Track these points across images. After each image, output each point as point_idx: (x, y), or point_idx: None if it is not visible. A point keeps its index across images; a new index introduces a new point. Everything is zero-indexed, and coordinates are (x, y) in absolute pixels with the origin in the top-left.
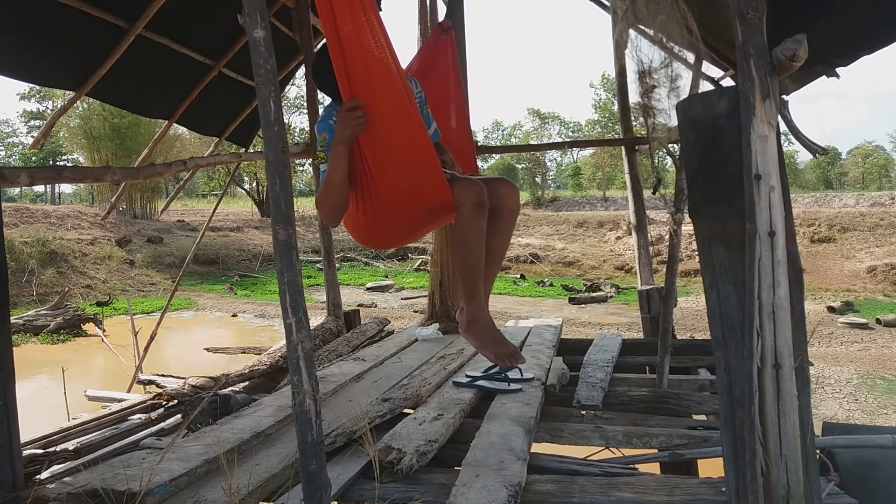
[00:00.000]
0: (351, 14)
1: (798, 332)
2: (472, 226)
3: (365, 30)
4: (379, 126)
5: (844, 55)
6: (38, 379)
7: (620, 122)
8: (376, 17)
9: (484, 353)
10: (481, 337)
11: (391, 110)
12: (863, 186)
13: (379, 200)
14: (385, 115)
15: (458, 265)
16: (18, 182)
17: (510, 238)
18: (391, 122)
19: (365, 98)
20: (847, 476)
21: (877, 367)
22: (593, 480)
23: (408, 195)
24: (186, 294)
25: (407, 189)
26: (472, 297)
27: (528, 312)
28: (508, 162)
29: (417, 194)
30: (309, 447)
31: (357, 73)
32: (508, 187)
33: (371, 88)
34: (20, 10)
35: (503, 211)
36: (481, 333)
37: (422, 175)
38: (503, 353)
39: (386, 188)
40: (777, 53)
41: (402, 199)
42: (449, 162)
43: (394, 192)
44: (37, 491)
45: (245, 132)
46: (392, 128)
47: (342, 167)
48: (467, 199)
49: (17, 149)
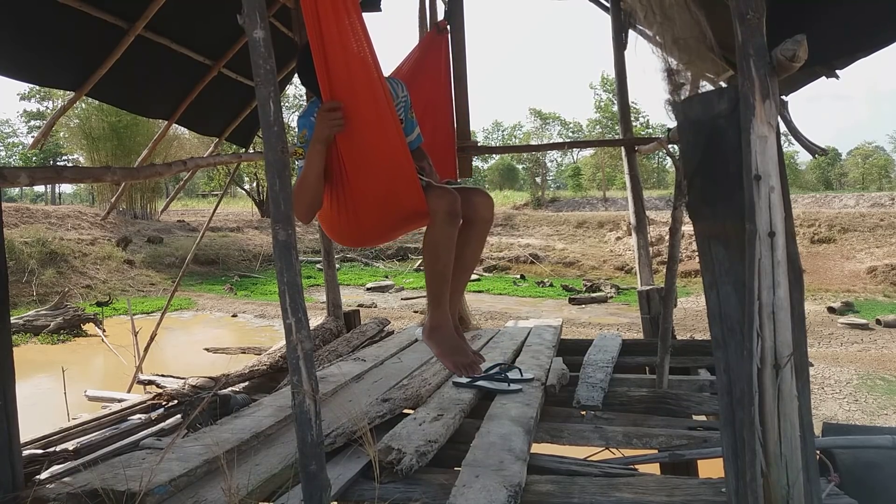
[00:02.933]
0: (335, 15)
1: (798, 332)
2: (442, 235)
3: (348, 32)
4: (357, 129)
5: (843, 56)
6: (38, 379)
7: (620, 123)
8: (360, 20)
9: (443, 361)
10: (441, 345)
11: (369, 114)
12: (863, 187)
13: (353, 201)
14: (363, 118)
15: (427, 272)
16: (18, 182)
17: (482, 248)
18: (369, 126)
19: (345, 100)
20: (847, 476)
21: (877, 368)
22: (593, 481)
23: (381, 199)
24: (186, 294)
25: (381, 193)
26: (437, 305)
27: (528, 313)
28: (508, 162)
29: (391, 199)
30: (309, 447)
31: (338, 75)
32: (483, 197)
33: (351, 91)
34: (20, 11)
35: (477, 221)
36: (442, 341)
37: (396, 181)
38: (462, 363)
39: (360, 190)
40: (777, 54)
41: (376, 202)
42: (427, 169)
43: (368, 195)
44: (36, 491)
45: (245, 132)
46: (369, 132)
47: (318, 165)
48: (440, 208)
49: (17, 149)
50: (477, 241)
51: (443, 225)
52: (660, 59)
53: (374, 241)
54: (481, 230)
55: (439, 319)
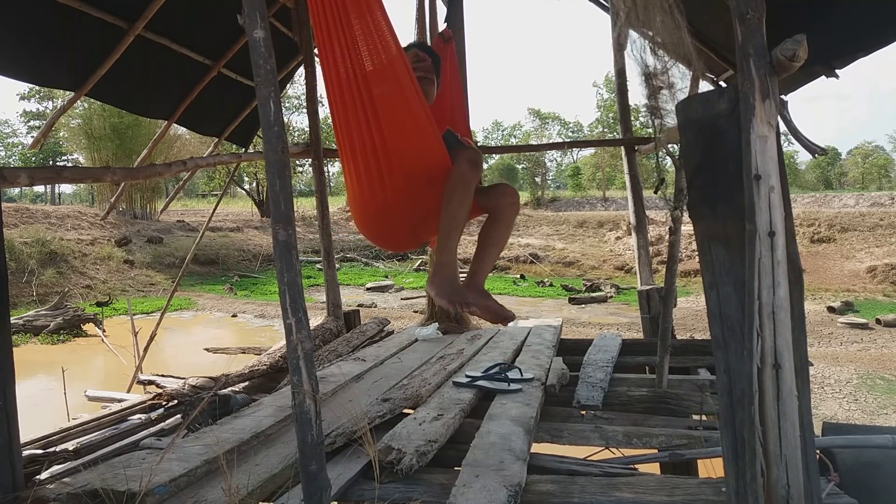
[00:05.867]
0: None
1: (798, 332)
2: (460, 177)
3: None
4: (389, 100)
5: (843, 55)
6: (38, 379)
7: (620, 123)
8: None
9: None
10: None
11: (409, 93)
12: (862, 187)
13: (390, 179)
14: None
15: (441, 213)
16: (18, 182)
17: (510, 230)
18: (402, 96)
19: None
20: (847, 476)
21: (876, 367)
22: (593, 480)
23: (414, 167)
24: (186, 294)
25: (415, 160)
26: (444, 247)
27: (528, 312)
28: (508, 162)
29: (422, 164)
30: (309, 447)
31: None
32: (508, 187)
33: (388, 69)
34: (19, 10)
35: (503, 205)
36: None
37: (426, 147)
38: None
39: (397, 164)
40: (777, 54)
41: (410, 173)
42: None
43: (403, 166)
44: (36, 491)
45: (245, 132)
46: (402, 103)
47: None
48: (462, 156)
49: (16, 149)
50: (505, 221)
51: (462, 168)
52: (638, 63)
53: (406, 221)
54: (508, 213)
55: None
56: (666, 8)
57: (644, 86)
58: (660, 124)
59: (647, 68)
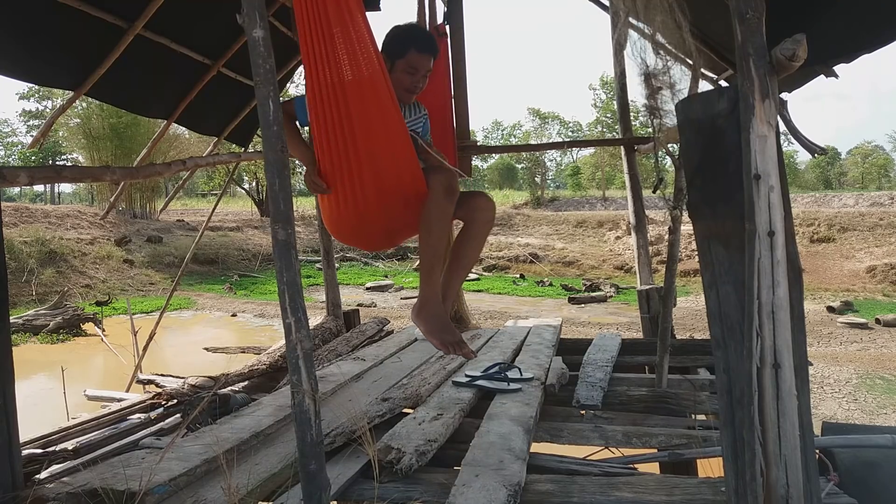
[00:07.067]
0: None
1: (797, 332)
2: (438, 209)
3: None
4: (365, 115)
5: (843, 55)
6: (38, 378)
7: (620, 122)
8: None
9: (430, 340)
10: (429, 322)
11: (374, 95)
12: (862, 186)
13: (362, 192)
14: (368, 102)
15: (420, 246)
16: (18, 182)
17: (482, 247)
18: (374, 107)
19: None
20: (846, 476)
21: (876, 367)
22: (593, 480)
23: (386, 185)
24: (186, 294)
25: (388, 179)
26: (427, 280)
27: (528, 312)
28: (508, 162)
29: (394, 182)
30: (308, 447)
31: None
32: (485, 199)
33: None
34: (19, 10)
35: (477, 220)
36: (430, 318)
37: (399, 164)
38: (449, 341)
39: (369, 180)
40: (776, 53)
41: (381, 189)
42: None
43: (375, 182)
44: (36, 491)
45: (244, 132)
46: (375, 113)
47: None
48: (438, 184)
49: (16, 148)
50: (477, 238)
51: (439, 199)
52: (638, 63)
53: (378, 230)
54: (483, 229)
55: (428, 295)
56: (666, 7)
57: (644, 86)
58: (659, 124)
59: (647, 68)
